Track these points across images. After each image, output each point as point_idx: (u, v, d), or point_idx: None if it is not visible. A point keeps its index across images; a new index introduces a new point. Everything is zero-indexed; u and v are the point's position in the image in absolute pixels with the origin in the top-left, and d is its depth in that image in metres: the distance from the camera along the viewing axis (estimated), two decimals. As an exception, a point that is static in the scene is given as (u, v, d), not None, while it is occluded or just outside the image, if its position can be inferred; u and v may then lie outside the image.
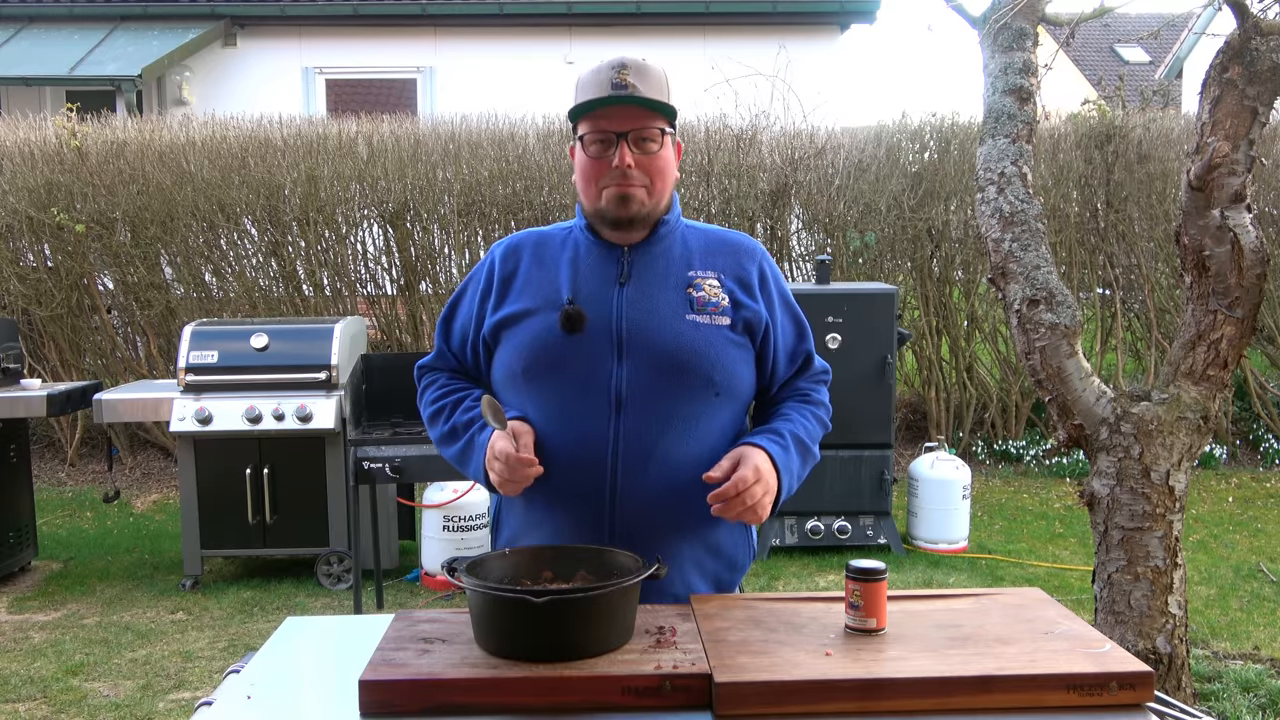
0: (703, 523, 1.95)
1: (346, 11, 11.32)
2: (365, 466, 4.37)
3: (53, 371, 7.51)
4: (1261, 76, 3.18)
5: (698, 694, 1.53)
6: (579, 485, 1.92)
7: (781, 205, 7.58)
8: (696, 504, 1.93)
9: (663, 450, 1.91)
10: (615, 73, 1.89)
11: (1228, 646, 4.38)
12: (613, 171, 1.91)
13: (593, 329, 1.92)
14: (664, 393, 1.91)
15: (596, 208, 1.95)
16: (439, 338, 2.14)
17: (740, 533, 2.05)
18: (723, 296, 1.97)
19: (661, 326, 1.93)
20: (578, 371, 1.92)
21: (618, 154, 1.90)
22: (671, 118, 1.95)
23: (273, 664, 1.80)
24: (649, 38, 11.05)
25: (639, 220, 1.95)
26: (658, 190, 1.95)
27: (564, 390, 1.93)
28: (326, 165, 7.40)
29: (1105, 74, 14.08)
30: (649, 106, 1.90)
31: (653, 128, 1.92)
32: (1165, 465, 3.27)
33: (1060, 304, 3.44)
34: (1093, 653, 1.62)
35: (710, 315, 1.95)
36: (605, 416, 1.90)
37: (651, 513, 1.92)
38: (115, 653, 4.47)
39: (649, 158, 1.92)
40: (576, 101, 1.93)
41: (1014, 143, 3.58)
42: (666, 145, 1.95)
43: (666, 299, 1.95)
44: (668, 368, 1.91)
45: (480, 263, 2.09)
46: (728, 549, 2.03)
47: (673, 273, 1.98)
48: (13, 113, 8.91)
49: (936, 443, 6.10)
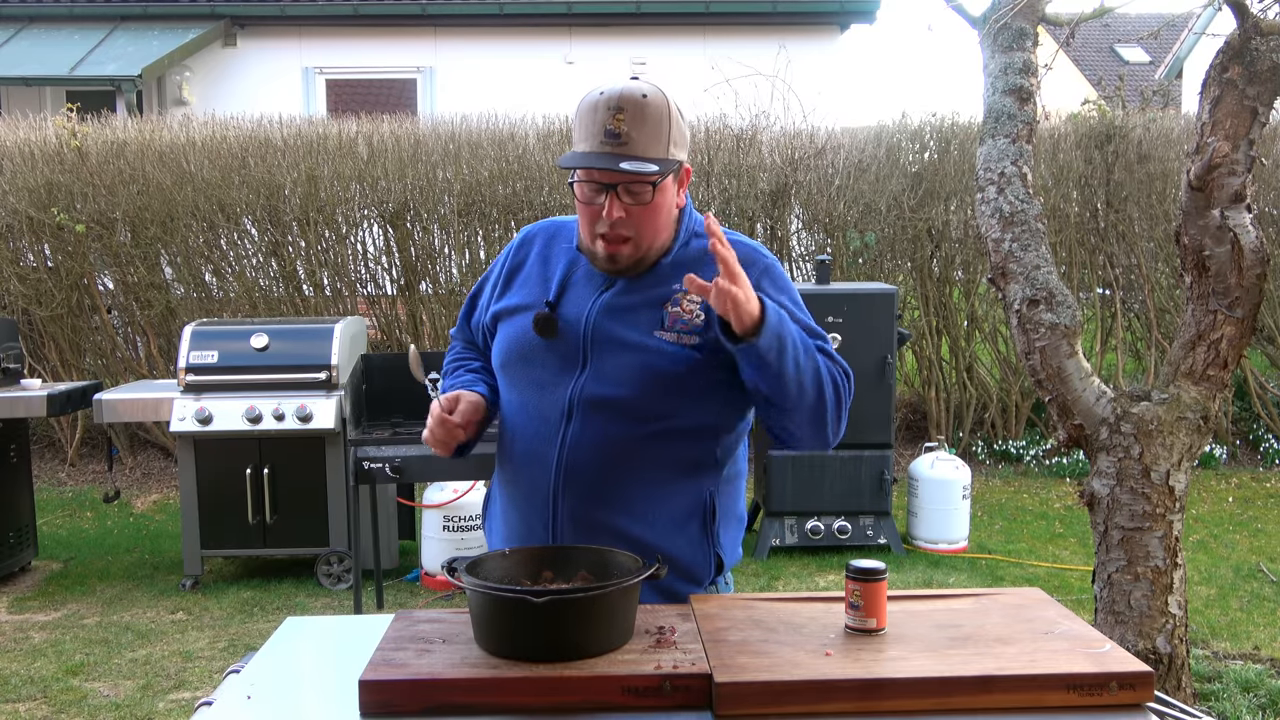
0: (652, 534, 1.92)
1: (346, 11, 11.32)
2: (365, 466, 4.37)
3: (53, 371, 7.50)
4: (1261, 76, 3.18)
5: (698, 694, 1.53)
6: (532, 483, 1.96)
7: (781, 205, 7.58)
8: (646, 516, 1.93)
9: (608, 462, 1.91)
10: (611, 116, 1.82)
11: (1228, 646, 4.38)
12: (602, 221, 1.88)
13: (563, 336, 1.94)
14: (618, 408, 1.90)
15: (588, 249, 1.96)
16: (463, 314, 2.21)
17: (699, 545, 1.98)
18: (697, 314, 1.91)
19: (625, 340, 1.91)
20: (543, 373, 1.95)
21: (607, 204, 1.86)
22: (666, 172, 1.87)
23: (273, 664, 1.80)
24: (649, 38, 11.06)
25: (628, 271, 1.95)
26: (648, 239, 1.92)
27: (529, 390, 1.97)
28: (326, 165, 7.40)
29: (1105, 74, 14.08)
30: (636, 171, 1.83)
31: (643, 183, 1.85)
32: (1165, 465, 3.27)
33: (1060, 304, 3.44)
34: (1093, 653, 1.62)
35: (678, 334, 1.90)
36: (557, 420, 1.92)
37: (594, 520, 1.92)
38: (115, 653, 4.47)
39: (640, 207, 1.87)
40: (575, 135, 1.89)
41: (1014, 143, 3.58)
42: (663, 190, 1.89)
43: (639, 314, 1.93)
44: (625, 382, 1.90)
45: (508, 245, 2.13)
46: (684, 561, 1.95)
47: (660, 285, 1.95)
48: (13, 113, 8.91)
49: (936, 443, 6.10)
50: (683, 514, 1.97)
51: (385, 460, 4.38)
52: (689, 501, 1.97)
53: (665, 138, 1.86)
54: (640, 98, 1.85)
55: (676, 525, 1.96)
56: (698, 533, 1.98)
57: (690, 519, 1.97)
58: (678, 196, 1.96)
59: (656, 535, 1.94)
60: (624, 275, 1.95)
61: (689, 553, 1.97)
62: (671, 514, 1.96)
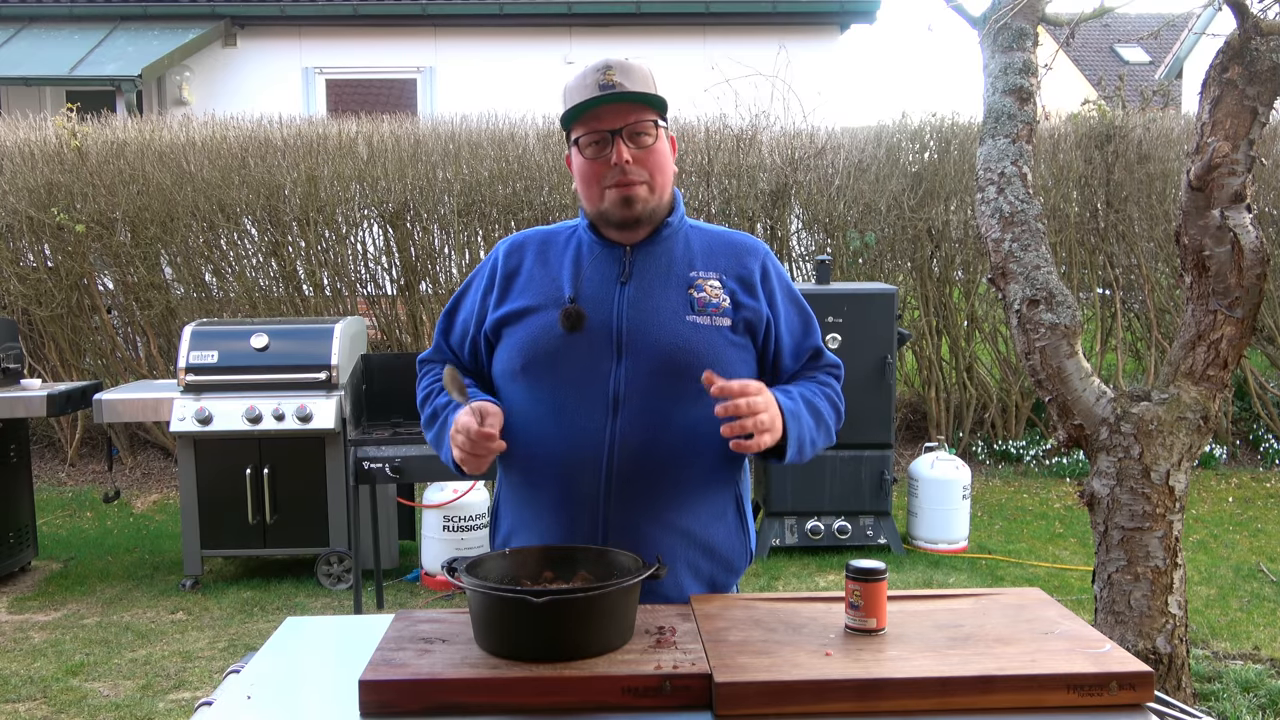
0: (698, 524, 1.96)
1: (346, 11, 11.32)
2: (365, 466, 4.37)
3: (53, 371, 7.51)
4: (1261, 76, 3.18)
5: (698, 694, 1.53)
6: (574, 484, 1.92)
7: (781, 205, 7.58)
8: (692, 507, 1.94)
9: (658, 452, 1.91)
10: (600, 74, 1.90)
11: (1228, 646, 4.38)
12: (612, 170, 1.91)
13: (592, 328, 1.92)
14: (661, 394, 1.91)
15: (600, 210, 1.95)
16: (439, 333, 2.15)
17: (737, 534, 2.04)
18: (724, 297, 1.96)
19: (661, 327, 1.92)
20: (576, 370, 1.92)
21: (614, 151, 1.90)
22: (662, 111, 1.95)
23: (273, 664, 1.80)
24: (649, 38, 11.05)
25: (644, 219, 1.95)
26: (659, 185, 1.95)
27: (562, 389, 1.92)
28: (326, 165, 7.40)
29: (1105, 74, 14.07)
30: (638, 100, 1.90)
31: (645, 121, 1.92)
32: (1165, 465, 3.27)
33: (1060, 304, 3.44)
34: (1093, 653, 1.62)
35: (711, 316, 1.94)
36: (602, 416, 1.90)
37: (646, 514, 1.92)
38: (115, 653, 4.47)
39: (645, 152, 1.92)
40: (566, 107, 1.93)
41: (1014, 143, 3.58)
42: (661, 138, 1.95)
43: (667, 299, 1.95)
44: (666, 369, 1.91)
45: (485, 259, 2.10)
46: (724, 550, 2.01)
47: (675, 273, 1.97)
48: (13, 113, 8.91)
49: (936, 443, 6.10)
50: (720, 502, 2.00)
51: (385, 460, 4.38)
52: (725, 490, 2.01)
53: (654, 88, 1.95)
54: (623, 59, 1.95)
55: (716, 514, 1.99)
56: (734, 521, 2.02)
57: (727, 507, 2.01)
58: (671, 163, 2.01)
59: (701, 525, 1.97)
60: (640, 224, 1.95)
61: (728, 542, 2.02)
62: (711, 503, 1.99)
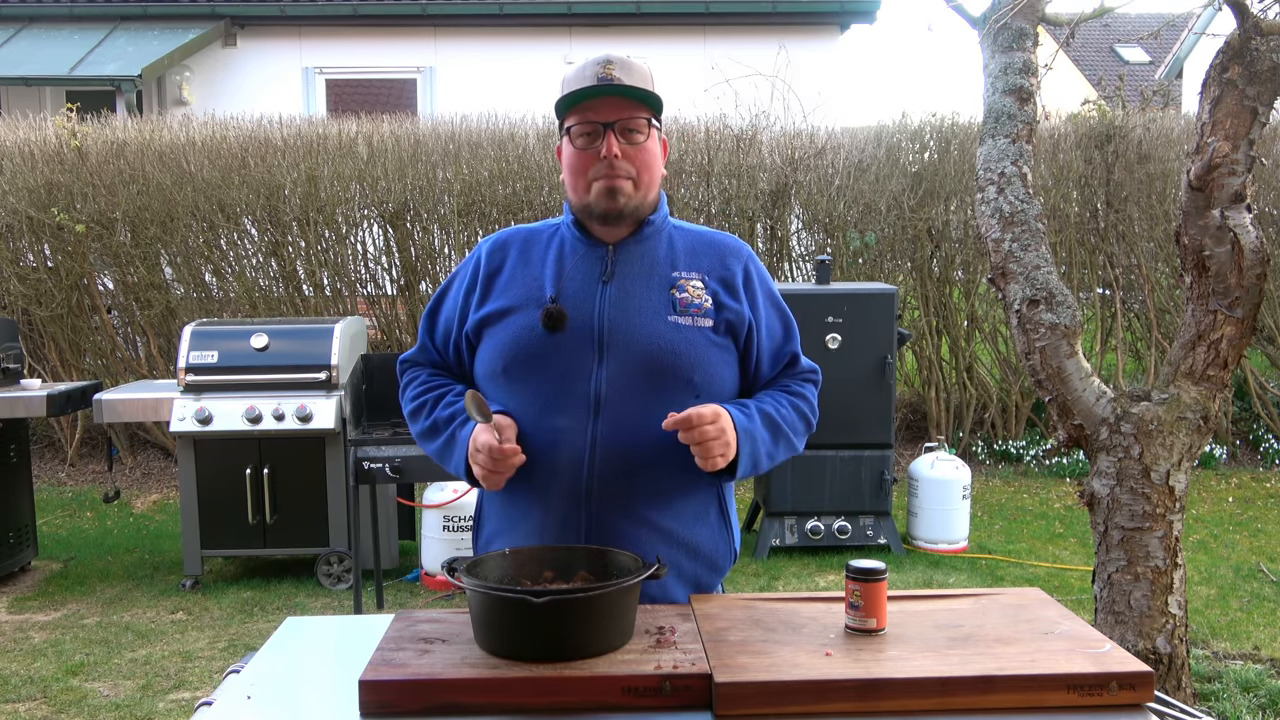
0: (681, 525, 1.96)
1: (346, 11, 11.32)
2: (365, 466, 4.37)
3: (53, 371, 7.51)
4: (1261, 76, 3.18)
5: (698, 694, 1.53)
6: (556, 484, 1.92)
7: (781, 205, 7.58)
8: (675, 507, 1.94)
9: (640, 452, 1.90)
10: (600, 67, 1.91)
11: (1228, 646, 4.38)
12: (600, 163, 1.91)
13: (574, 328, 1.92)
14: (643, 394, 1.90)
15: (584, 202, 1.95)
16: (423, 332, 2.14)
17: (720, 533, 2.03)
18: (705, 298, 1.96)
19: (643, 327, 1.92)
20: (558, 370, 1.92)
21: (604, 144, 1.90)
22: (657, 110, 1.95)
23: (273, 664, 1.80)
24: (649, 38, 11.05)
25: (627, 214, 1.95)
26: (644, 183, 1.95)
27: (543, 389, 1.92)
28: (326, 165, 7.40)
29: (1105, 74, 14.07)
30: (634, 96, 1.91)
31: (639, 118, 1.92)
32: (1165, 465, 3.27)
33: (1060, 304, 3.44)
34: (1093, 653, 1.62)
35: (693, 317, 1.94)
36: (584, 416, 1.90)
37: (628, 514, 1.92)
38: (115, 653, 4.47)
39: (635, 149, 1.92)
40: (563, 94, 1.94)
41: (1014, 143, 3.58)
42: (652, 138, 1.95)
43: (649, 299, 1.95)
44: (648, 369, 1.91)
45: (467, 258, 2.09)
46: (707, 550, 2.01)
47: (657, 273, 1.97)
48: (13, 113, 8.91)
49: (936, 443, 6.10)
50: (703, 502, 2.00)
51: (385, 460, 4.38)
52: (707, 490, 2.00)
53: (651, 88, 1.95)
54: (624, 56, 1.95)
55: (698, 514, 1.99)
56: (717, 521, 2.02)
57: (709, 507, 2.01)
58: (660, 164, 2.01)
59: (684, 525, 1.97)
60: (622, 218, 1.95)
61: (711, 542, 2.02)
62: (694, 503, 1.98)
